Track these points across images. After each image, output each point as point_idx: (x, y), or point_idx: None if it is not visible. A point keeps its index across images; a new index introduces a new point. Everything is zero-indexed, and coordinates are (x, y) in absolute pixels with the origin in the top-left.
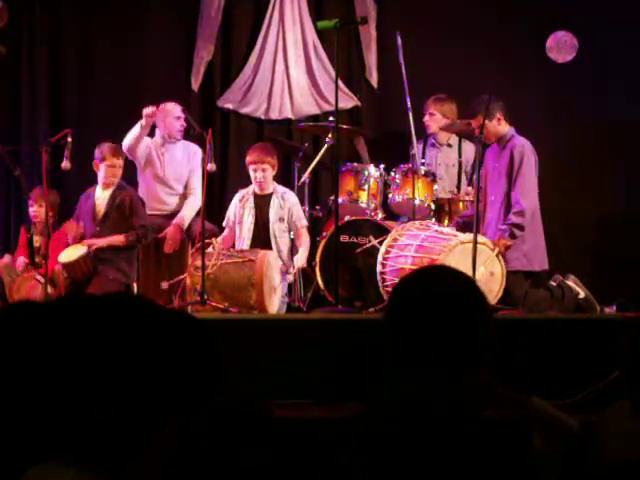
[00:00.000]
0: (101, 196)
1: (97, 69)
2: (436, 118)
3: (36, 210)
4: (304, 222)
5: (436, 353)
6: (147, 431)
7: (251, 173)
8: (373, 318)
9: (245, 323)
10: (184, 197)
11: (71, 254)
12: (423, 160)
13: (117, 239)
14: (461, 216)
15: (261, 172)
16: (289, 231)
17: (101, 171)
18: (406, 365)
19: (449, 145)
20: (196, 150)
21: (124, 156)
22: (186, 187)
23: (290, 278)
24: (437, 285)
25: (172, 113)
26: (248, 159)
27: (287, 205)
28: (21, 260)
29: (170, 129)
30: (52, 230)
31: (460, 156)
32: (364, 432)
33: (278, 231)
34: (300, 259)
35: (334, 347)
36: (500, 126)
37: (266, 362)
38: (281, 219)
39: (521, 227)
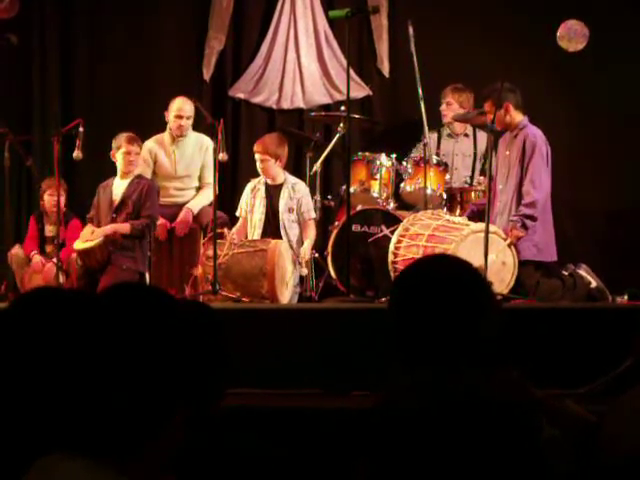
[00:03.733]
0: (119, 185)
1: (109, 58)
2: (453, 107)
3: (48, 200)
4: (312, 214)
5: (439, 342)
6: (156, 421)
7: (256, 162)
8: (385, 308)
9: (257, 313)
10: (198, 190)
11: (87, 242)
12: (438, 150)
13: (123, 227)
14: (474, 203)
15: (261, 162)
16: (299, 222)
17: (118, 160)
18: (413, 355)
19: (466, 135)
20: (208, 144)
21: (141, 144)
22: (200, 181)
23: (304, 271)
24: (439, 273)
25: (173, 110)
26: (254, 149)
27: (297, 196)
28: (37, 259)
29: (171, 125)
30: (64, 220)
31: (475, 146)
32: (383, 420)
33: (287, 221)
34: (306, 252)
35: (346, 337)
36: (509, 115)
37: (277, 352)
38: (290, 209)
39: (533, 218)
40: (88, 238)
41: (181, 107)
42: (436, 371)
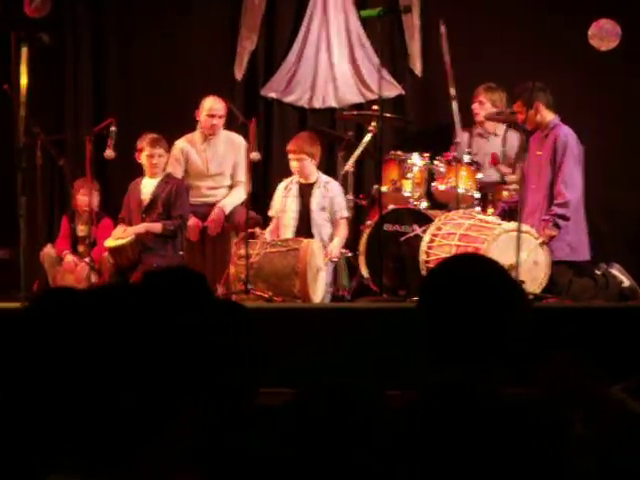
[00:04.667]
0: (147, 184)
1: (141, 58)
2: (485, 107)
3: (80, 200)
4: (345, 213)
5: (468, 341)
6: (162, 420)
7: (290, 162)
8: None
9: (289, 312)
10: (230, 189)
11: (119, 239)
12: (469, 150)
13: (154, 226)
14: (505, 202)
15: (297, 162)
16: (331, 221)
17: (143, 162)
18: (442, 354)
19: (496, 135)
20: (240, 142)
21: (165, 146)
22: (232, 179)
23: (330, 261)
24: (467, 272)
25: (205, 109)
26: (287, 148)
27: (329, 194)
28: (70, 259)
29: (203, 125)
30: (96, 219)
31: (504, 145)
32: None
33: (320, 220)
34: (334, 249)
35: (378, 336)
36: (539, 115)
37: (309, 351)
38: (323, 208)
39: (565, 217)
40: (120, 236)
41: (213, 106)
42: (466, 370)
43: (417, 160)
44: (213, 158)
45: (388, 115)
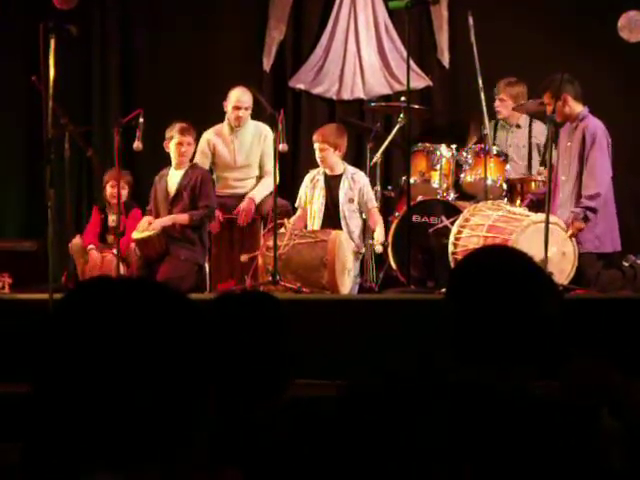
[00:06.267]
0: (174, 176)
1: (169, 48)
2: (507, 104)
3: (110, 192)
4: (374, 203)
5: (495, 335)
6: (185, 419)
7: (315, 152)
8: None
9: (317, 303)
10: (258, 180)
11: (145, 231)
12: (493, 141)
13: (181, 217)
14: (533, 193)
15: (319, 151)
16: (360, 212)
17: (171, 150)
18: (467, 349)
19: (518, 126)
20: (267, 132)
21: (194, 135)
22: (260, 169)
23: (379, 248)
24: (495, 264)
25: (231, 101)
26: (313, 138)
27: (357, 186)
28: (95, 255)
29: (229, 116)
30: (126, 210)
31: (530, 137)
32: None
33: (348, 212)
34: (380, 236)
35: (407, 328)
36: (567, 107)
37: (338, 343)
38: (351, 200)
39: (594, 210)
40: (146, 228)
41: (239, 98)
42: (492, 368)
43: (445, 151)
44: (240, 149)
45: (416, 107)
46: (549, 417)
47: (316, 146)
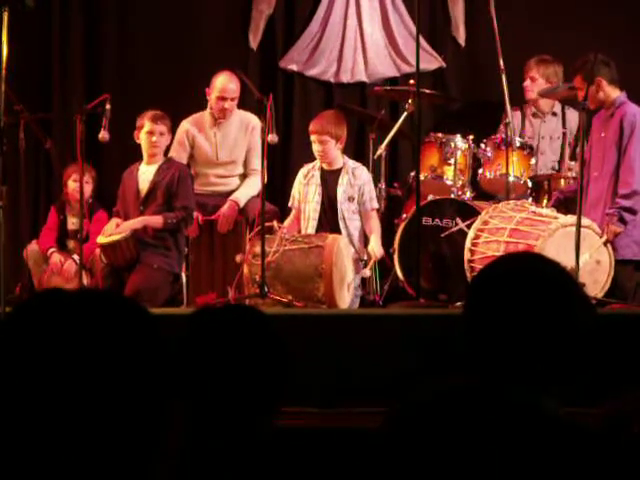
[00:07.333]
0: (145, 172)
1: (141, 24)
2: (538, 83)
3: (73, 187)
4: (375, 204)
5: (522, 354)
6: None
7: (312, 145)
8: (460, 313)
9: (312, 319)
10: (243, 177)
11: (111, 235)
12: (522, 132)
13: (154, 220)
14: (561, 190)
15: (319, 144)
16: (359, 213)
17: (142, 141)
18: (489, 369)
19: (554, 114)
20: (255, 124)
21: (169, 124)
22: (245, 167)
23: (367, 273)
24: (522, 274)
25: (216, 90)
26: (309, 128)
27: (358, 183)
28: (56, 258)
29: (213, 106)
30: (90, 211)
31: (564, 126)
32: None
33: (347, 212)
34: (376, 248)
35: (415, 347)
36: (601, 92)
37: (336, 364)
38: (350, 198)
39: (632, 211)
40: (113, 232)
41: (225, 87)
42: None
43: (460, 143)
44: (223, 144)
45: (427, 91)
46: (592, 450)
47: (314, 138)
